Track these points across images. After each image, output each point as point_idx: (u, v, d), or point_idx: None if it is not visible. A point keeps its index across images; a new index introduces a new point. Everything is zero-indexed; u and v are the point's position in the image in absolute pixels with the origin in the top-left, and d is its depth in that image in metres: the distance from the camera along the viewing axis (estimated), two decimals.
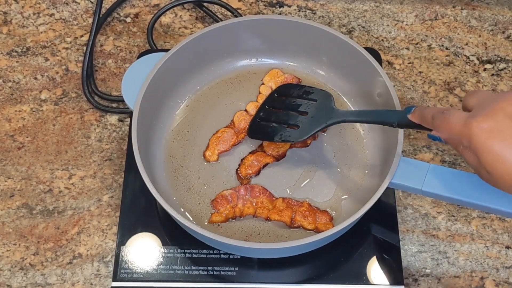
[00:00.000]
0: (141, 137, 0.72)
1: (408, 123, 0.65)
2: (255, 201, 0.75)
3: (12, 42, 0.91)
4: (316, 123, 0.73)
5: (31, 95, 0.87)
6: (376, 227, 0.76)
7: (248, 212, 0.74)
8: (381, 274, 0.73)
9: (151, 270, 0.73)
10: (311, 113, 0.74)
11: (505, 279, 0.75)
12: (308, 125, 0.74)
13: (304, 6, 0.95)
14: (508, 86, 0.88)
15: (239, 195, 0.75)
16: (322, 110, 0.74)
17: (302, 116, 0.75)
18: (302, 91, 0.77)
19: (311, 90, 0.77)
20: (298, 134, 0.74)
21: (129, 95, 0.75)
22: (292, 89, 0.78)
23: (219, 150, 0.78)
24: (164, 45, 0.91)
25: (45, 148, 0.83)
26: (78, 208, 0.79)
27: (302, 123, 0.74)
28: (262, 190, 0.76)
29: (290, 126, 0.75)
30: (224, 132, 0.79)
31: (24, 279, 0.74)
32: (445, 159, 0.82)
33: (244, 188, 0.75)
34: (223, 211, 0.74)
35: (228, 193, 0.75)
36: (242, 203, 0.75)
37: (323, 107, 0.74)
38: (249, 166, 0.77)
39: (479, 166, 0.56)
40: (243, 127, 0.80)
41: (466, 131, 0.55)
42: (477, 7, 0.95)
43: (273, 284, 0.73)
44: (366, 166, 0.78)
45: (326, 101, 0.75)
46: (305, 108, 0.75)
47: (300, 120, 0.74)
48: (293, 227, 0.74)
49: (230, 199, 0.75)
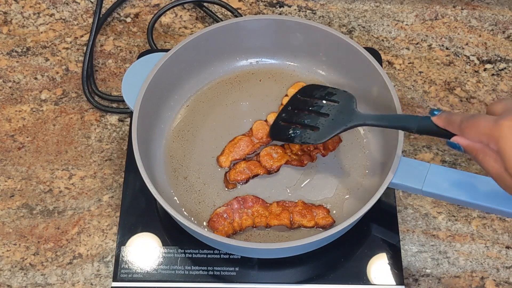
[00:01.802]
0: (141, 137, 0.72)
1: (427, 129, 0.63)
2: (251, 212, 0.74)
3: (12, 42, 0.91)
4: (336, 126, 0.72)
5: (31, 95, 0.87)
6: (376, 227, 0.76)
7: (247, 224, 0.74)
8: (381, 274, 0.73)
9: (151, 270, 0.73)
10: (332, 115, 0.73)
11: (505, 279, 0.75)
12: (328, 128, 0.73)
13: (304, 6, 0.95)
14: (508, 86, 0.88)
15: (233, 209, 0.74)
16: (343, 112, 0.73)
17: (323, 118, 0.74)
18: (325, 92, 0.76)
19: (334, 91, 0.76)
20: (318, 136, 0.73)
21: (129, 95, 0.75)
22: (315, 90, 0.77)
23: (233, 158, 0.78)
24: (164, 45, 0.91)
25: (45, 148, 0.83)
26: (78, 208, 0.79)
27: (322, 125, 0.73)
28: (254, 199, 0.75)
29: (310, 128, 0.74)
30: (240, 140, 0.79)
31: (24, 279, 0.74)
32: (445, 159, 0.82)
33: (237, 201, 0.75)
34: (222, 229, 0.73)
35: (222, 210, 0.74)
36: (239, 216, 0.74)
37: (344, 109, 0.73)
38: (239, 172, 0.77)
39: (503, 172, 0.55)
40: (261, 137, 0.79)
41: (496, 132, 0.55)
42: (477, 7, 0.95)
43: (273, 284, 0.73)
44: (366, 166, 0.78)
45: (348, 103, 0.73)
46: (326, 110, 0.74)
47: (320, 122, 0.73)
48: (293, 228, 0.74)
49: (226, 216, 0.74)
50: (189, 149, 0.80)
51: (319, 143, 0.74)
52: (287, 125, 0.76)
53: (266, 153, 0.78)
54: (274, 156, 0.78)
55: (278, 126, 0.77)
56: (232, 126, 0.81)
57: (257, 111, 0.82)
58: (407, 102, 0.86)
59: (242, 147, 0.78)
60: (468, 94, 0.87)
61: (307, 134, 0.74)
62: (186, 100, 0.83)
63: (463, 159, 0.82)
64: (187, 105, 0.83)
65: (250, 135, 0.79)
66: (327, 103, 0.75)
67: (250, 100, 0.83)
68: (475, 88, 0.88)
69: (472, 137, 0.58)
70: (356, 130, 0.81)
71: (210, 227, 0.74)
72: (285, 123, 0.77)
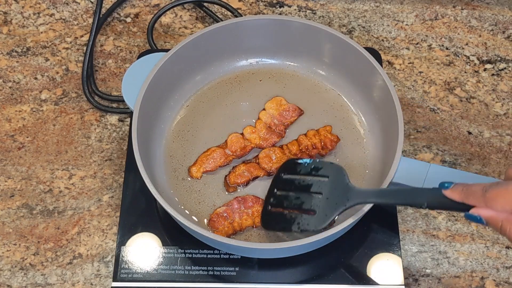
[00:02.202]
0: (141, 137, 0.72)
1: (440, 204, 0.59)
2: (251, 211, 0.74)
3: (12, 42, 0.91)
4: (333, 206, 0.67)
5: (31, 95, 0.87)
6: (376, 227, 0.76)
7: (247, 224, 0.74)
8: (381, 274, 0.73)
9: (151, 270, 0.73)
10: (326, 193, 0.68)
11: (505, 279, 0.75)
12: (325, 209, 0.67)
13: (304, 6, 0.95)
14: (508, 86, 0.88)
15: (233, 209, 0.74)
16: (337, 188, 0.68)
17: (317, 198, 0.68)
18: (310, 167, 0.70)
19: (319, 165, 0.70)
20: (317, 221, 0.67)
21: (129, 95, 0.75)
22: (299, 166, 0.72)
23: (205, 169, 0.77)
24: (164, 45, 0.91)
25: (45, 148, 0.83)
26: (78, 208, 0.79)
27: (318, 207, 0.68)
28: (254, 199, 0.75)
29: (306, 211, 0.68)
30: (214, 151, 0.78)
31: (24, 279, 0.74)
32: (445, 159, 0.82)
33: (237, 201, 0.75)
34: (222, 229, 0.73)
35: (223, 210, 0.74)
36: (239, 216, 0.74)
37: (337, 185, 0.68)
38: (239, 175, 0.76)
39: None
40: (235, 150, 0.78)
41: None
42: (477, 7, 0.95)
43: (273, 284, 0.73)
44: (366, 166, 0.78)
45: (338, 177, 0.68)
46: (317, 188, 0.68)
47: (315, 203, 0.68)
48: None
49: (226, 216, 0.74)
50: (189, 149, 0.80)
51: (319, 229, 0.67)
52: (279, 212, 0.71)
53: (265, 155, 0.78)
54: (273, 157, 0.78)
55: (269, 214, 0.72)
56: (232, 126, 0.81)
57: (257, 111, 0.82)
58: (407, 102, 0.86)
59: (215, 159, 0.78)
60: (468, 94, 0.87)
61: (304, 220, 0.68)
62: (186, 100, 0.83)
63: (463, 159, 0.82)
64: (187, 105, 0.83)
65: (225, 147, 0.79)
66: (316, 179, 0.69)
67: (250, 100, 0.83)
68: (475, 88, 0.88)
69: (501, 207, 0.53)
70: (356, 130, 0.81)
71: (210, 226, 0.74)
72: (276, 209, 0.71)
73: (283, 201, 0.71)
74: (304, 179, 0.70)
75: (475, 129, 0.84)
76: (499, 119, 0.85)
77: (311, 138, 0.78)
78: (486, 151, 0.83)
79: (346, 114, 0.82)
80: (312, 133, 0.79)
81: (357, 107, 0.82)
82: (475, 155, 0.82)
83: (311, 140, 0.78)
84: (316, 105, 0.83)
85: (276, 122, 0.81)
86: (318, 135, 0.79)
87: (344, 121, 0.81)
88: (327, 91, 0.84)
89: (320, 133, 0.79)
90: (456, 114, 0.86)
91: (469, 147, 0.83)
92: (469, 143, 0.83)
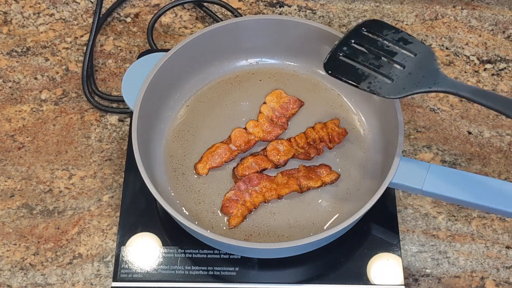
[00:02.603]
0: (141, 137, 0.72)
1: None
2: (259, 188, 0.75)
3: (12, 42, 0.91)
4: (414, 83, 0.59)
5: (31, 95, 0.87)
6: (376, 227, 0.76)
7: (259, 200, 0.75)
8: (381, 274, 0.73)
9: (151, 270, 0.73)
10: (409, 68, 0.60)
11: (505, 279, 0.75)
12: (405, 82, 0.60)
13: (304, 6, 0.95)
14: (508, 86, 0.88)
15: (242, 190, 0.75)
16: (423, 69, 0.60)
17: (398, 68, 0.61)
18: (398, 36, 0.63)
19: (410, 39, 0.63)
20: (392, 89, 0.60)
21: (129, 95, 0.75)
22: (386, 29, 0.64)
23: (211, 165, 0.78)
24: (164, 45, 0.91)
25: (45, 148, 0.83)
26: (78, 208, 0.79)
27: (397, 77, 0.60)
28: (258, 176, 0.76)
29: (382, 75, 0.61)
30: (219, 147, 0.78)
31: (24, 279, 0.74)
32: (445, 159, 0.82)
33: (243, 182, 0.76)
34: (237, 212, 0.74)
35: (232, 193, 0.75)
36: (249, 195, 0.75)
37: (424, 65, 0.61)
38: (247, 167, 0.77)
39: None
40: (239, 145, 0.79)
41: None
42: (477, 7, 0.95)
43: (273, 284, 0.73)
44: (366, 166, 0.78)
45: (428, 59, 0.61)
46: (401, 59, 0.61)
47: (394, 72, 0.61)
48: (304, 191, 0.75)
49: (237, 199, 0.75)
50: (189, 149, 0.80)
51: (393, 98, 0.61)
52: (351, 62, 0.63)
53: (273, 147, 0.78)
54: (281, 150, 0.78)
55: (338, 61, 0.64)
56: (232, 126, 0.81)
57: (257, 111, 0.82)
58: (407, 102, 0.86)
59: (220, 155, 0.78)
60: None
61: (378, 82, 0.60)
62: (186, 100, 0.83)
63: (463, 159, 0.82)
64: (187, 105, 0.83)
65: (229, 142, 0.79)
66: (402, 50, 0.62)
67: (250, 100, 0.83)
68: None
69: None
70: (356, 130, 0.81)
71: (225, 213, 0.74)
72: (348, 59, 0.63)
73: (359, 55, 0.63)
74: (388, 44, 0.63)
75: (475, 129, 0.84)
76: (499, 119, 0.85)
77: (318, 131, 0.79)
78: (486, 151, 0.83)
79: (346, 114, 0.82)
80: (320, 126, 0.79)
81: (357, 107, 0.82)
82: (475, 155, 0.82)
83: (318, 133, 0.79)
84: (316, 105, 0.83)
85: (278, 115, 0.81)
86: (326, 128, 0.79)
87: (344, 121, 0.81)
88: (327, 91, 0.84)
89: (327, 126, 0.79)
90: (456, 114, 0.86)
91: (469, 147, 0.83)
92: (469, 143, 0.83)
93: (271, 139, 0.79)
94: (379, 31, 0.65)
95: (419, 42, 0.63)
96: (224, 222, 0.75)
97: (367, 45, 0.63)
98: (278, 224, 0.75)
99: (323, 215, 0.75)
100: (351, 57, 0.63)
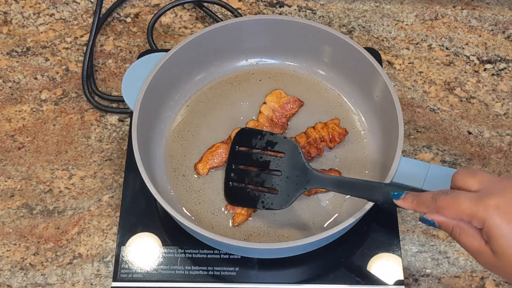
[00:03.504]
0: (141, 137, 0.72)
1: (395, 204, 0.60)
2: None
3: (12, 42, 0.91)
4: (294, 186, 0.69)
5: (31, 95, 0.87)
6: (376, 227, 0.76)
7: None
8: (381, 274, 0.73)
9: (151, 270, 0.73)
10: (285, 172, 0.70)
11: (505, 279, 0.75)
12: (287, 189, 0.69)
13: (304, 6, 0.95)
14: (508, 86, 0.88)
15: None
16: (295, 168, 0.69)
17: (277, 177, 0.70)
18: (264, 141, 0.72)
19: (273, 139, 0.71)
20: (281, 200, 0.70)
21: (129, 95, 0.75)
22: (253, 138, 0.73)
23: (211, 165, 0.78)
24: (164, 45, 0.91)
25: (45, 148, 0.83)
26: (78, 208, 0.79)
27: (279, 186, 0.70)
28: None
29: (268, 190, 0.70)
30: (219, 147, 0.78)
31: (24, 279, 0.74)
32: (445, 159, 0.82)
33: None
34: (241, 209, 0.74)
35: None
36: None
37: (294, 163, 0.70)
38: None
39: (482, 248, 0.54)
40: None
41: (481, 213, 0.53)
42: (477, 7, 0.95)
43: (273, 284, 0.73)
44: (366, 166, 0.78)
45: (294, 154, 0.70)
46: (275, 165, 0.70)
47: (276, 182, 0.70)
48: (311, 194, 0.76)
49: None
50: (189, 149, 0.80)
51: (284, 208, 0.70)
52: (241, 187, 0.72)
53: None
54: None
55: (232, 190, 0.74)
56: (232, 126, 0.81)
57: (257, 111, 0.82)
58: (407, 102, 0.86)
59: (220, 155, 0.78)
60: (468, 94, 0.87)
61: (268, 199, 0.70)
62: (186, 100, 0.83)
63: (463, 159, 0.82)
64: (187, 105, 0.83)
65: (229, 142, 0.79)
66: (273, 156, 0.71)
67: (250, 100, 0.83)
68: (475, 88, 0.88)
69: (451, 216, 0.55)
70: (356, 130, 0.81)
71: (229, 210, 0.75)
72: (237, 184, 0.73)
73: (244, 177, 0.72)
74: (261, 155, 0.71)
75: (475, 129, 0.84)
76: (499, 119, 0.85)
77: (319, 131, 0.79)
78: (486, 151, 0.83)
79: (346, 114, 0.82)
80: (320, 126, 0.80)
81: (357, 107, 0.82)
82: (475, 155, 0.82)
83: (319, 132, 0.79)
84: (316, 105, 0.83)
85: (278, 115, 0.81)
86: (326, 128, 0.79)
87: (344, 121, 0.81)
88: (327, 91, 0.84)
89: (328, 126, 0.80)
90: (456, 114, 0.86)
91: (469, 147, 0.83)
92: (469, 143, 0.83)
93: None
94: (248, 142, 0.73)
95: (282, 139, 0.71)
96: (225, 221, 0.75)
97: (247, 163, 0.72)
98: (278, 224, 0.75)
99: (323, 215, 0.75)
100: (240, 181, 0.72)
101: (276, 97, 0.82)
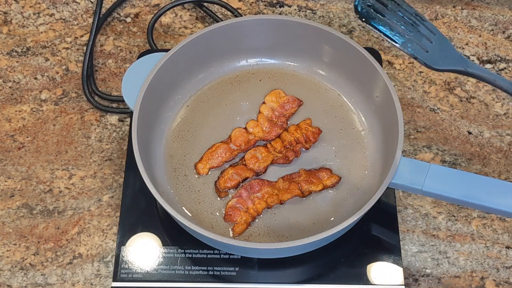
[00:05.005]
0: (141, 137, 0.72)
1: None
2: (261, 194, 0.75)
3: (12, 42, 0.91)
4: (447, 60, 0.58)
5: (31, 95, 0.87)
6: (376, 227, 0.76)
7: (262, 207, 0.74)
8: (381, 274, 0.73)
9: (152, 270, 0.73)
10: (436, 44, 0.59)
11: (505, 279, 0.75)
12: (439, 57, 0.58)
13: (304, 6, 0.95)
14: None
15: (244, 198, 0.75)
16: (443, 50, 0.59)
17: (428, 42, 0.59)
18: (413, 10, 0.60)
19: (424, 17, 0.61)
20: (430, 58, 0.58)
21: (129, 95, 0.75)
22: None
23: (211, 165, 0.78)
24: (164, 45, 0.91)
25: (45, 148, 0.83)
26: (78, 208, 0.79)
27: (432, 50, 0.58)
28: (259, 182, 0.76)
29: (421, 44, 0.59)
30: (219, 147, 0.78)
31: (24, 279, 0.74)
32: (445, 159, 0.82)
33: (244, 189, 0.75)
34: (240, 219, 0.74)
35: (234, 201, 0.75)
36: (251, 202, 0.75)
37: (444, 47, 0.59)
38: (228, 179, 0.76)
39: None
40: (239, 144, 0.79)
41: None
42: (477, 7, 0.95)
43: (273, 284, 0.73)
44: (366, 166, 0.78)
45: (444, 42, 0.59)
46: (427, 33, 0.59)
47: (426, 45, 0.59)
48: (306, 195, 0.75)
49: (239, 206, 0.74)
50: (189, 149, 0.80)
51: (433, 69, 0.58)
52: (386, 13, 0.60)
53: (251, 156, 0.78)
54: (259, 157, 0.78)
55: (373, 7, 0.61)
56: (232, 126, 0.81)
57: (257, 111, 0.82)
58: (407, 102, 0.86)
59: (220, 155, 0.78)
60: (468, 94, 0.87)
61: (420, 49, 0.58)
62: (186, 100, 0.83)
63: (463, 159, 0.82)
64: (187, 105, 0.83)
65: (229, 142, 0.79)
66: (425, 27, 0.60)
67: (250, 100, 0.83)
68: (475, 88, 0.88)
69: None
70: (356, 130, 0.81)
71: (228, 221, 0.74)
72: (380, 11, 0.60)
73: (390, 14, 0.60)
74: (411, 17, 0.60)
75: (475, 129, 0.84)
76: (499, 119, 0.85)
77: (293, 133, 0.79)
78: (486, 151, 0.83)
79: (346, 114, 0.82)
80: (294, 128, 0.80)
81: (357, 107, 0.82)
82: (475, 155, 0.82)
83: (293, 135, 0.79)
84: (316, 105, 0.83)
85: (277, 114, 0.81)
86: (300, 129, 0.79)
87: (344, 121, 0.81)
88: (327, 91, 0.84)
89: (300, 127, 0.80)
90: (456, 114, 0.86)
91: (469, 147, 0.83)
92: (469, 143, 0.83)
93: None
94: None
95: (432, 25, 0.60)
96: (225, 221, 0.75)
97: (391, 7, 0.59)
98: (278, 224, 0.75)
99: (323, 215, 0.75)
100: (381, 12, 0.59)
101: (275, 96, 0.82)
